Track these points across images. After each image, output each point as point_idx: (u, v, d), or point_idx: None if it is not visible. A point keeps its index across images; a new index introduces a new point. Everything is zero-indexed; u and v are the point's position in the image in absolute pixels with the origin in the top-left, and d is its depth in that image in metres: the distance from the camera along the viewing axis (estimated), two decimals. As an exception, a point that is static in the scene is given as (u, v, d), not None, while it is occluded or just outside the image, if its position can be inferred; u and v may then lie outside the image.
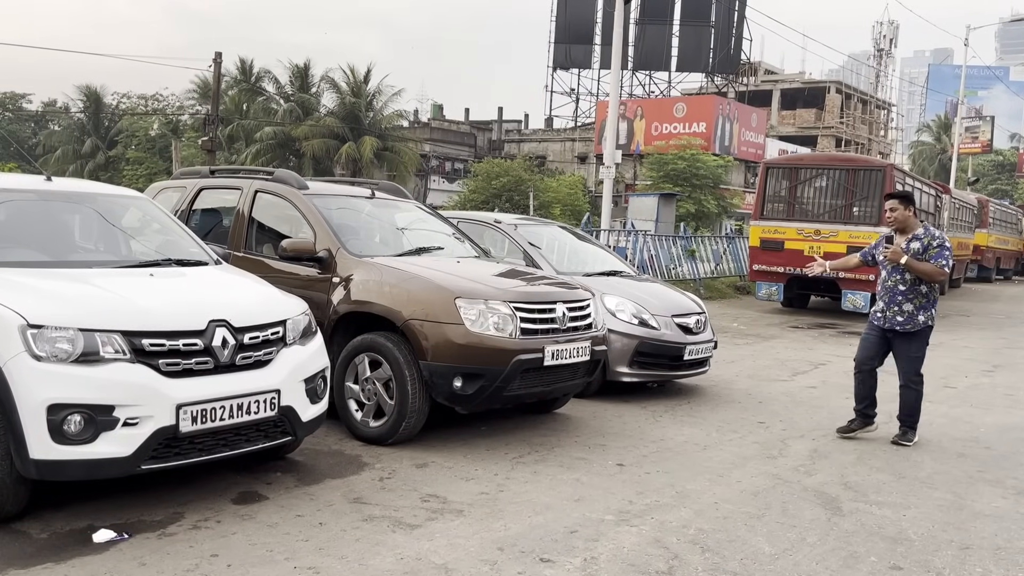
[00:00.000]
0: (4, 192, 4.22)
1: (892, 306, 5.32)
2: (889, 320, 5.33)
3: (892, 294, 5.33)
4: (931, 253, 5.26)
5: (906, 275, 5.25)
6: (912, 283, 5.26)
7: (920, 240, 5.31)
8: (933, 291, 5.35)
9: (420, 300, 4.76)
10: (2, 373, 3.20)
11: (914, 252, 5.24)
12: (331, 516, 3.63)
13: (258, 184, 5.80)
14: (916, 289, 5.27)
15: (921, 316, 5.28)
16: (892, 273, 5.35)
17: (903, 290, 5.28)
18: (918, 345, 5.34)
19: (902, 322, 5.29)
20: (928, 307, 5.30)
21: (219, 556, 3.17)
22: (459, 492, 4.02)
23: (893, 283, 5.33)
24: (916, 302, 5.27)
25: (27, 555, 3.12)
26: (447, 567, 3.14)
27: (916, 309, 5.27)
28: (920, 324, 5.28)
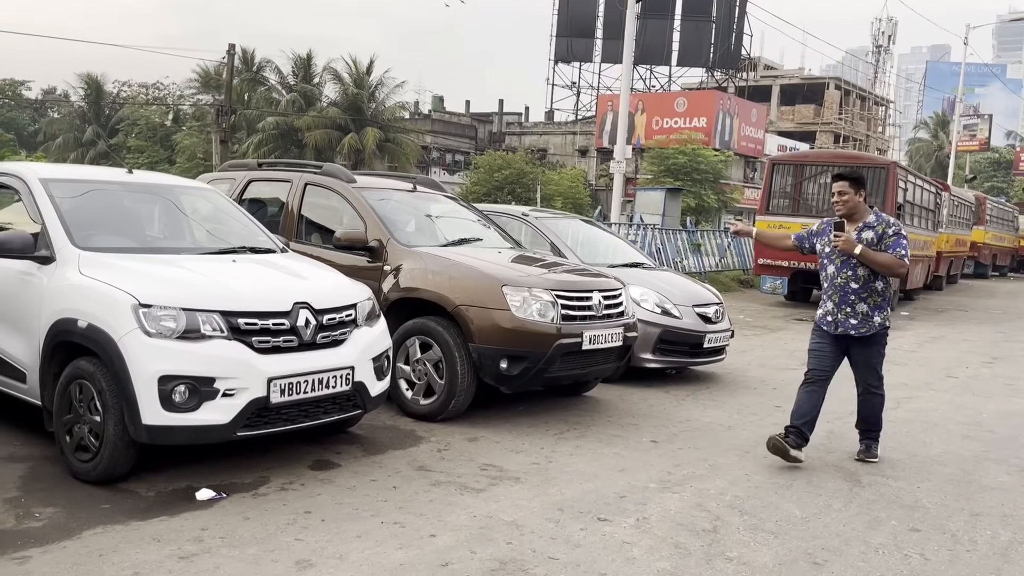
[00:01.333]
0: (95, 184, 4.57)
1: (843, 307, 4.63)
2: (841, 324, 4.63)
3: (843, 293, 4.62)
4: (888, 242, 4.55)
5: (859, 270, 4.56)
6: (866, 279, 4.57)
7: (873, 228, 4.59)
8: (888, 288, 4.72)
9: (469, 287, 5.13)
10: (118, 347, 3.56)
11: (867, 242, 4.54)
12: (402, 481, 4.00)
13: (308, 177, 6.14)
14: (871, 287, 4.58)
15: (877, 317, 4.62)
16: (842, 268, 4.61)
17: (856, 288, 4.59)
18: (877, 349, 4.72)
19: (856, 325, 4.60)
20: (884, 306, 4.68)
21: (311, 513, 3.54)
22: (512, 462, 4.40)
23: (844, 280, 4.61)
24: (871, 301, 4.59)
25: (141, 510, 3.48)
26: (516, 523, 3.52)
27: (871, 309, 4.59)
28: (876, 326, 4.63)
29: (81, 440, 3.76)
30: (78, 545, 3.10)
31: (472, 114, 51.75)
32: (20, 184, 4.37)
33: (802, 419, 4.68)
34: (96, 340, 3.64)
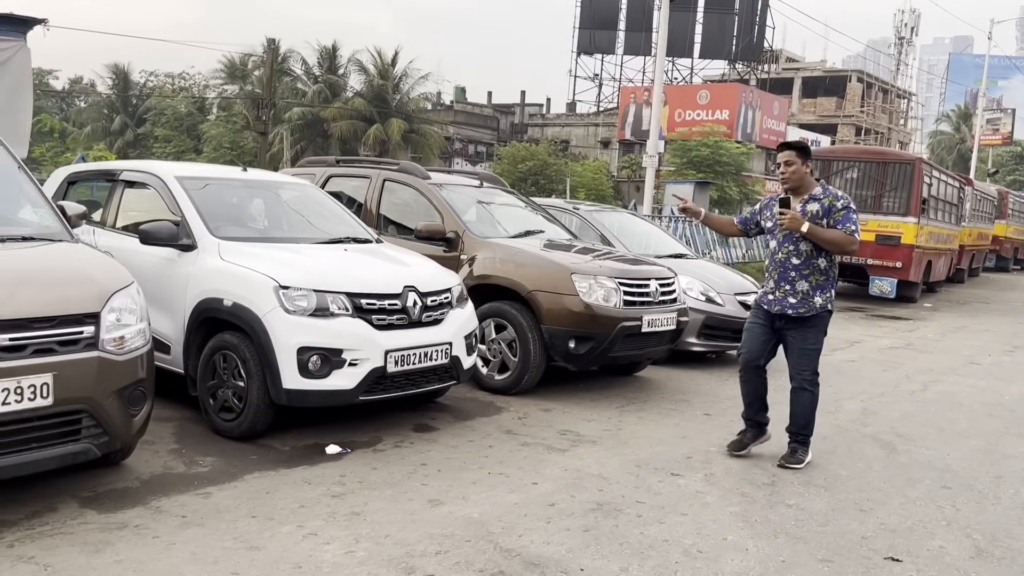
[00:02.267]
0: (218, 180, 5.19)
1: (783, 284, 4.36)
2: (779, 302, 4.38)
3: (783, 269, 4.36)
4: (836, 217, 4.29)
5: (801, 245, 4.31)
6: (808, 255, 4.31)
7: (819, 200, 4.32)
8: (833, 267, 4.42)
9: (541, 275, 5.71)
10: (263, 323, 4.18)
11: (812, 215, 4.29)
12: (495, 442, 4.61)
13: (386, 174, 6.74)
14: (813, 263, 4.32)
15: (818, 298, 4.34)
16: (784, 243, 4.38)
17: (797, 264, 4.33)
18: (815, 335, 4.41)
19: (795, 304, 4.34)
20: (827, 287, 4.37)
21: (427, 465, 4.15)
22: (586, 428, 4.99)
23: (784, 255, 4.37)
24: (813, 280, 4.32)
25: (283, 460, 4.10)
26: (603, 476, 4.11)
27: (812, 289, 4.32)
28: (817, 308, 4.34)
29: (225, 402, 4.39)
30: (245, 485, 3.72)
31: (494, 105, 52.23)
32: (157, 181, 4.99)
33: (751, 409, 4.57)
34: (242, 317, 4.25)
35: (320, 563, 2.97)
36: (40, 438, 3.15)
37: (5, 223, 3.76)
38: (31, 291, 3.22)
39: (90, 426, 3.29)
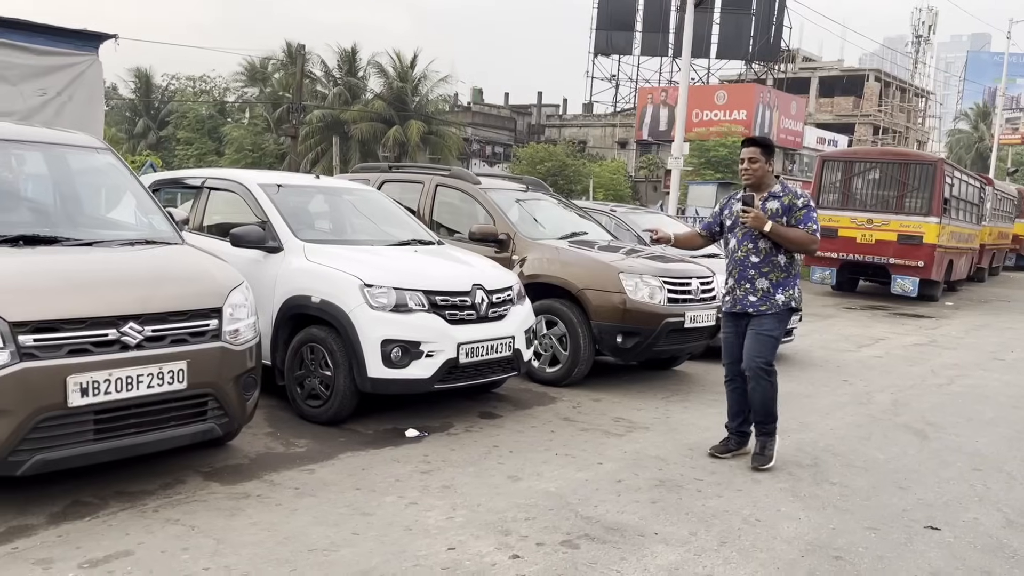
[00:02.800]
0: (296, 187, 5.62)
1: (743, 283, 4.32)
2: (740, 301, 4.33)
3: (743, 268, 4.32)
4: (797, 216, 4.23)
5: (760, 243, 4.26)
6: (767, 253, 4.26)
7: (779, 199, 4.27)
8: (794, 264, 4.37)
9: (590, 274, 6.10)
10: (350, 318, 4.60)
11: (772, 213, 4.25)
12: (556, 427, 5.01)
13: (438, 179, 7.15)
14: (772, 260, 4.26)
15: (780, 295, 4.27)
16: (743, 241, 4.31)
17: (756, 262, 4.27)
18: (772, 322, 4.30)
19: (755, 302, 4.29)
20: (788, 284, 4.31)
21: (499, 447, 4.56)
22: (637, 416, 5.38)
23: (744, 254, 4.31)
24: (773, 277, 4.27)
25: (369, 442, 4.52)
26: (660, 457, 4.50)
27: (773, 286, 4.27)
28: (778, 305, 4.27)
29: (312, 390, 4.82)
30: (342, 463, 4.15)
31: (511, 106, 52.65)
32: (241, 188, 5.43)
33: (736, 418, 4.55)
34: (329, 312, 4.68)
35: (427, 526, 3.38)
36: (177, 418, 3.59)
37: (130, 228, 4.20)
38: (167, 288, 3.66)
39: (214, 408, 3.72)
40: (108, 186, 4.44)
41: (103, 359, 3.31)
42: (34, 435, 3.17)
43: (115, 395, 3.33)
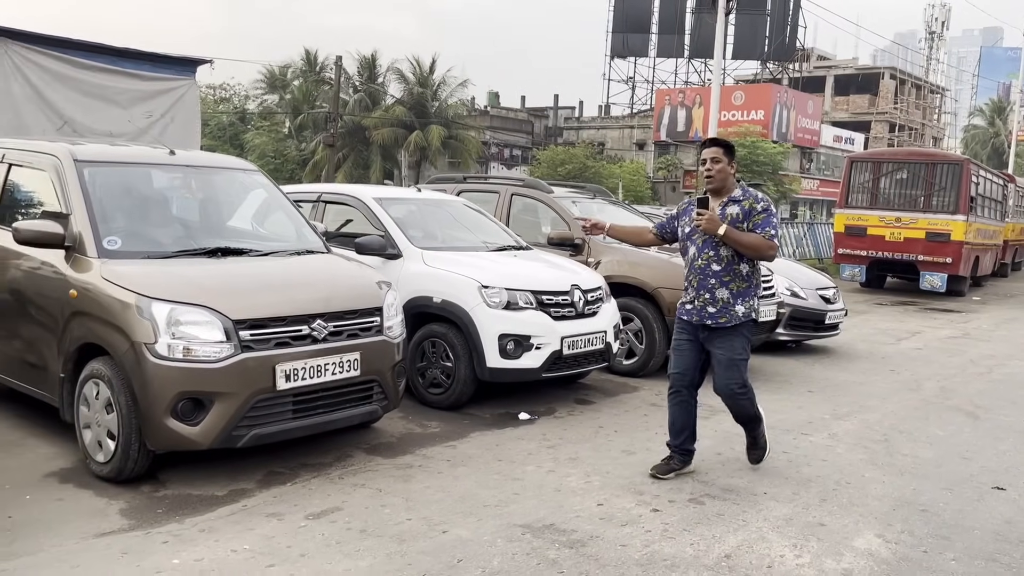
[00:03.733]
0: (403, 200, 6.27)
1: (702, 293, 4.13)
2: (698, 312, 4.15)
3: (703, 277, 4.13)
4: (756, 220, 4.06)
5: (721, 250, 4.07)
6: (729, 261, 4.08)
7: (739, 203, 4.09)
8: (755, 272, 4.19)
9: (663, 273, 6.72)
10: (470, 316, 5.24)
11: (732, 218, 4.05)
12: (647, 411, 5.62)
13: (513, 189, 7.78)
14: (734, 269, 4.09)
15: (740, 306, 4.10)
16: (703, 248, 4.12)
17: (717, 271, 4.10)
18: (741, 343, 4.14)
19: (714, 314, 4.09)
20: (749, 295, 4.13)
21: (603, 427, 5.18)
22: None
23: (704, 262, 4.12)
24: (734, 287, 4.09)
25: (489, 424, 5.15)
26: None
27: (733, 297, 4.09)
28: (739, 317, 4.10)
29: (434, 379, 5.45)
30: (476, 440, 4.78)
31: (528, 109, 53.30)
32: (358, 202, 6.08)
33: (680, 436, 4.31)
34: (451, 311, 5.32)
35: (572, 488, 4.00)
36: (352, 400, 4.23)
37: (290, 240, 4.85)
38: (342, 291, 4.30)
39: (378, 392, 4.36)
40: (264, 202, 5.09)
41: (300, 350, 3.96)
42: (251, 414, 3.82)
43: (309, 380, 3.98)
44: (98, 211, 4.17)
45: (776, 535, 3.53)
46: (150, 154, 4.82)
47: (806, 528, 3.63)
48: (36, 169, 4.51)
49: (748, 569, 3.19)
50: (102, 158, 4.49)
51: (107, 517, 3.49)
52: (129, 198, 4.50)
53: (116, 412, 3.77)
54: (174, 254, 4.22)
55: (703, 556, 3.29)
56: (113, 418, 3.79)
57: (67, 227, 4.09)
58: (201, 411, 3.72)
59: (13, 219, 4.52)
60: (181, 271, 4.02)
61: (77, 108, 7.53)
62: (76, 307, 3.96)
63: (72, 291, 3.97)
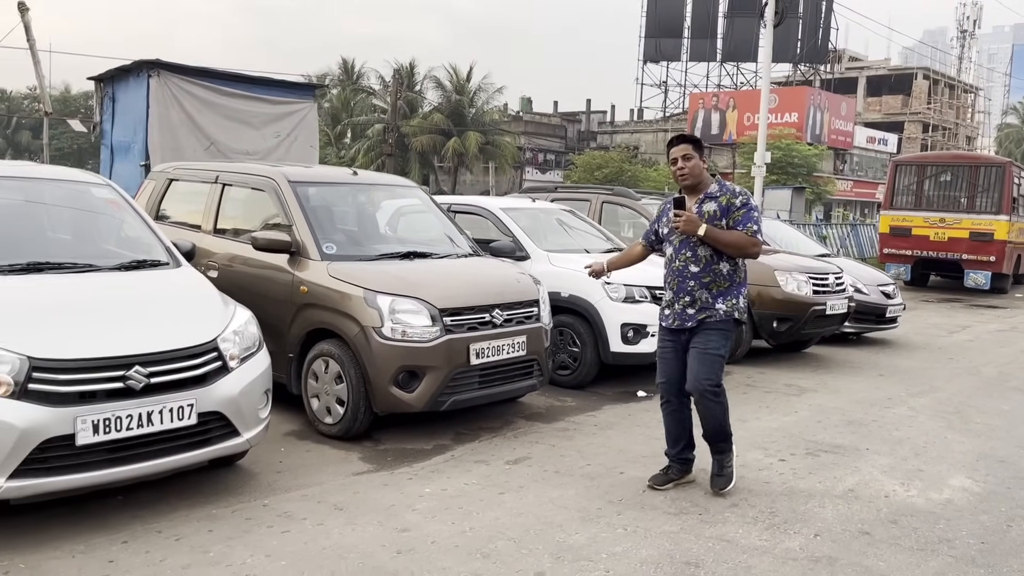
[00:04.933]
0: (520, 210, 7.21)
1: (682, 295, 3.96)
2: (679, 316, 3.96)
3: (681, 279, 3.96)
4: (735, 216, 3.87)
5: (699, 250, 3.90)
6: (708, 261, 3.91)
7: (716, 199, 3.91)
8: (737, 270, 4.00)
9: (751, 272, 7.56)
10: (596, 308, 6.16)
11: (709, 216, 3.88)
12: (745, 390, 6.50)
13: (604, 197, 8.70)
14: (713, 269, 3.91)
15: (721, 304, 3.92)
16: (680, 249, 3.96)
17: (696, 272, 3.92)
18: (718, 338, 3.92)
19: (694, 315, 3.92)
20: (732, 293, 3.95)
21: (712, 403, 6.04)
22: (802, 383, 6.85)
23: (682, 263, 3.96)
24: (714, 288, 3.91)
25: (613, 399, 6.06)
26: (839, 408, 5.96)
27: (713, 297, 3.91)
28: (720, 315, 3.90)
29: (562, 363, 6.38)
30: (610, 411, 5.69)
31: (561, 114, 54.22)
32: (488, 212, 7.03)
33: (676, 445, 4.15)
34: (578, 304, 6.24)
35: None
36: (519, 375, 5.17)
37: (453, 246, 5.79)
38: (510, 286, 5.24)
39: (537, 370, 5.30)
40: (425, 213, 6.06)
41: (485, 334, 4.90)
42: (451, 384, 4.76)
43: (492, 358, 4.92)
44: (314, 222, 5.15)
45: (885, 477, 4.40)
46: (340, 174, 5.82)
47: (908, 473, 4.49)
48: (254, 189, 5.51)
49: (870, 498, 4.06)
50: (308, 179, 5.48)
51: (352, 463, 4.45)
52: (332, 211, 5.48)
53: (346, 382, 4.73)
54: (377, 257, 5.19)
55: (832, 490, 4.17)
56: (343, 388, 4.76)
57: (292, 236, 5.08)
58: (416, 381, 4.68)
59: (234, 231, 5.54)
60: (390, 269, 4.98)
61: (220, 130, 8.59)
62: (306, 300, 4.94)
63: (303, 287, 4.95)
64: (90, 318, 3.55)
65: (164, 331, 3.61)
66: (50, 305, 3.56)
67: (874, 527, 3.70)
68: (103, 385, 3.30)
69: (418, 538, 3.43)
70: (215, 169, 5.87)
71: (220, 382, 3.65)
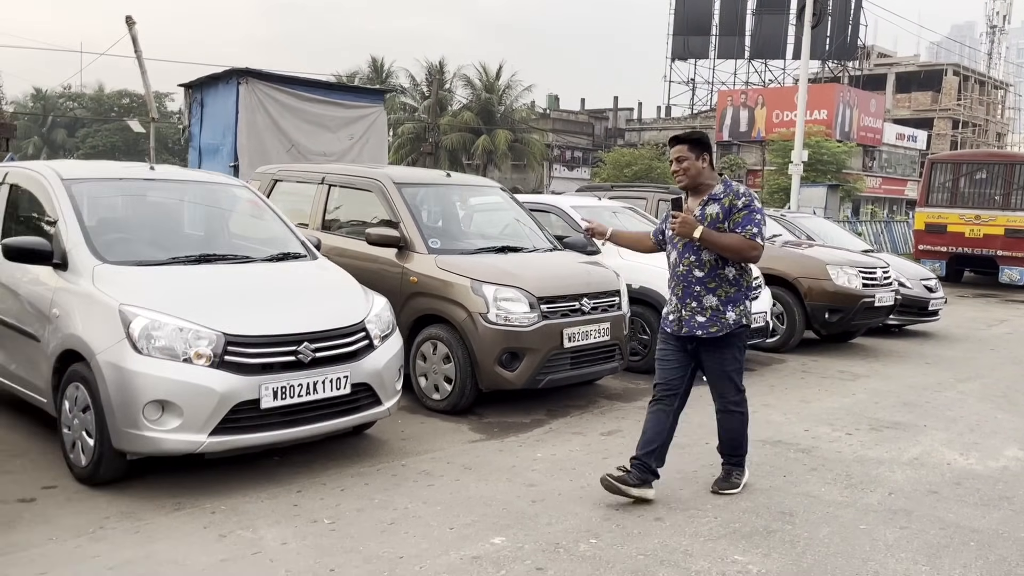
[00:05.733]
0: (593, 208, 7.74)
1: (688, 301, 3.83)
2: (686, 323, 3.83)
3: (686, 284, 3.84)
4: (736, 219, 3.74)
5: (703, 254, 3.77)
6: (713, 266, 3.78)
7: (719, 201, 3.77)
8: (744, 275, 3.86)
9: (803, 266, 8.07)
10: (660, 296, 6.67)
11: (712, 219, 3.75)
12: (803, 376, 6.99)
13: (660, 195, 9.20)
14: (719, 274, 3.79)
15: (731, 313, 3.80)
16: (685, 253, 3.85)
17: (700, 276, 3.80)
18: (732, 354, 3.86)
19: (704, 324, 3.79)
20: (739, 299, 3.83)
21: (774, 386, 6.55)
22: (855, 370, 7.32)
23: (686, 267, 3.84)
24: (721, 293, 3.79)
25: (684, 383, 6.57)
26: (893, 391, 6.44)
27: (722, 303, 3.79)
28: (730, 324, 3.80)
29: (633, 349, 6.91)
30: (682, 393, 6.20)
31: (588, 111, 54.60)
32: (559, 210, 7.57)
33: (646, 448, 3.86)
34: (647, 294, 6.77)
35: (780, 422, 5.40)
36: (604, 358, 5.71)
37: (538, 240, 6.33)
38: (596, 277, 5.78)
39: (618, 354, 5.84)
40: (507, 211, 6.62)
41: (575, 320, 5.45)
42: (547, 364, 5.31)
43: (582, 342, 5.47)
44: (419, 219, 5.73)
45: (945, 448, 4.90)
46: (437, 176, 6.40)
47: (965, 445, 4.98)
48: (360, 189, 6.10)
49: (934, 465, 4.56)
50: (411, 180, 6.06)
51: (464, 433, 5.01)
52: (432, 209, 6.06)
53: (454, 363, 5.30)
54: (476, 251, 5.76)
55: (898, 458, 4.68)
56: (451, 367, 5.33)
57: (400, 232, 5.65)
58: (517, 361, 5.23)
59: (339, 227, 6.13)
60: (490, 262, 5.55)
61: (301, 133, 9.22)
62: (415, 289, 5.51)
63: (412, 278, 5.53)
64: (262, 301, 4.15)
65: (323, 313, 4.19)
66: (228, 290, 4.16)
67: (940, 487, 4.20)
68: (280, 358, 3.89)
69: (545, 491, 3.98)
70: (321, 171, 6.47)
71: (368, 358, 4.23)
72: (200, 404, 3.65)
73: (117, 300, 3.81)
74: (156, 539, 3.31)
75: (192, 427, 3.66)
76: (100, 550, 3.20)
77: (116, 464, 3.80)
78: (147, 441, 3.65)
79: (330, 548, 3.28)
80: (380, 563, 3.16)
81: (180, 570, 3.06)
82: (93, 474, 3.82)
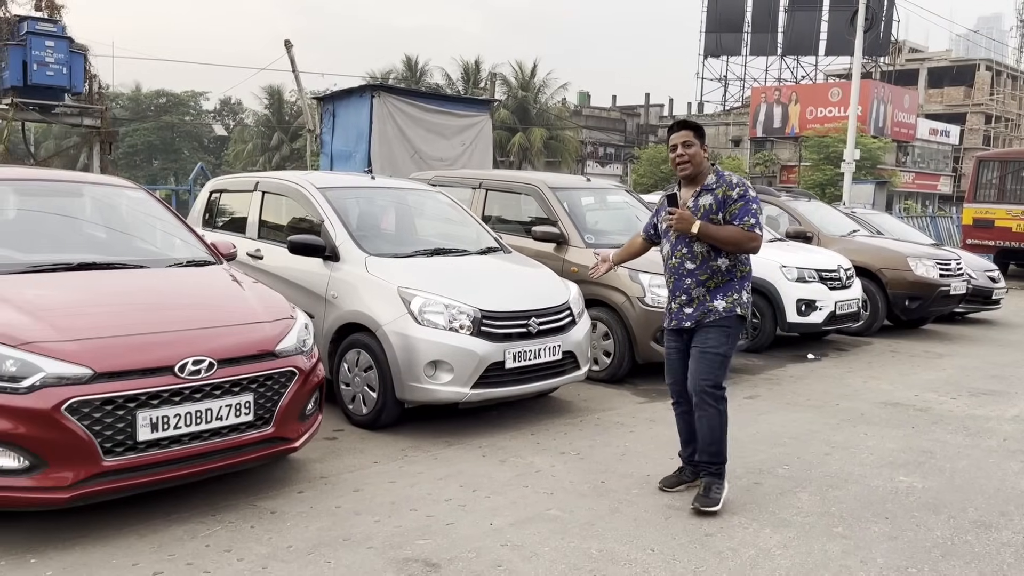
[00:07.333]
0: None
1: (678, 294, 3.82)
2: (676, 315, 3.85)
3: (677, 277, 3.82)
4: (732, 210, 3.69)
5: (695, 246, 3.74)
6: (704, 258, 3.75)
7: (712, 192, 3.72)
8: (739, 265, 3.80)
9: (885, 258, 9.00)
10: (775, 287, 7.65)
11: (705, 210, 3.71)
12: (892, 356, 7.92)
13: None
14: (711, 266, 3.75)
15: (720, 302, 3.74)
16: (676, 246, 3.81)
17: (692, 269, 3.77)
18: (717, 336, 3.74)
19: (691, 314, 3.78)
20: (732, 289, 3.77)
21: (872, 363, 7.50)
22: (937, 350, 8.23)
23: (678, 260, 3.81)
24: (711, 284, 3.76)
25: (789, 361, 7.53)
26: (976, 367, 7.36)
27: (710, 293, 3.76)
28: (720, 313, 3.73)
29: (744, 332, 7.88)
30: (793, 368, 7.17)
31: (619, 108, 55.37)
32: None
33: (689, 446, 3.99)
34: (761, 284, 7.70)
35: (885, 389, 6.36)
36: (736, 336, 6.70)
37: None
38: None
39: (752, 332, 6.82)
40: (626, 208, 7.61)
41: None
42: (693, 340, 6.31)
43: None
44: (574, 218, 6.74)
45: None
46: (580, 180, 7.42)
47: None
48: (516, 193, 7.12)
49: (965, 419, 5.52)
50: (563, 185, 7.08)
51: (628, 397, 6.02)
52: (580, 209, 7.07)
53: (613, 339, 6.31)
54: (616, 246, 6.74)
55: (1002, 415, 5.64)
56: (610, 343, 6.34)
57: (559, 228, 6.66)
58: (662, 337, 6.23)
59: (493, 225, 7.17)
60: (641, 255, 6.54)
61: (422, 141, 10.27)
62: (575, 278, 6.51)
63: (573, 268, 6.54)
64: (496, 285, 5.18)
65: (541, 294, 5.22)
66: (467, 276, 5.20)
67: (1046, 436, 5.16)
68: (517, 329, 4.92)
69: (736, 439, 4.98)
70: (478, 177, 7.51)
71: (572, 331, 5.26)
72: (466, 364, 4.69)
73: (394, 283, 4.86)
74: (455, 463, 4.35)
75: (460, 382, 4.70)
76: (419, 469, 4.24)
77: (395, 412, 4.85)
78: (426, 392, 4.70)
79: (589, 469, 4.30)
80: (629, 480, 4.17)
81: (491, 482, 4.09)
82: (375, 420, 4.87)
